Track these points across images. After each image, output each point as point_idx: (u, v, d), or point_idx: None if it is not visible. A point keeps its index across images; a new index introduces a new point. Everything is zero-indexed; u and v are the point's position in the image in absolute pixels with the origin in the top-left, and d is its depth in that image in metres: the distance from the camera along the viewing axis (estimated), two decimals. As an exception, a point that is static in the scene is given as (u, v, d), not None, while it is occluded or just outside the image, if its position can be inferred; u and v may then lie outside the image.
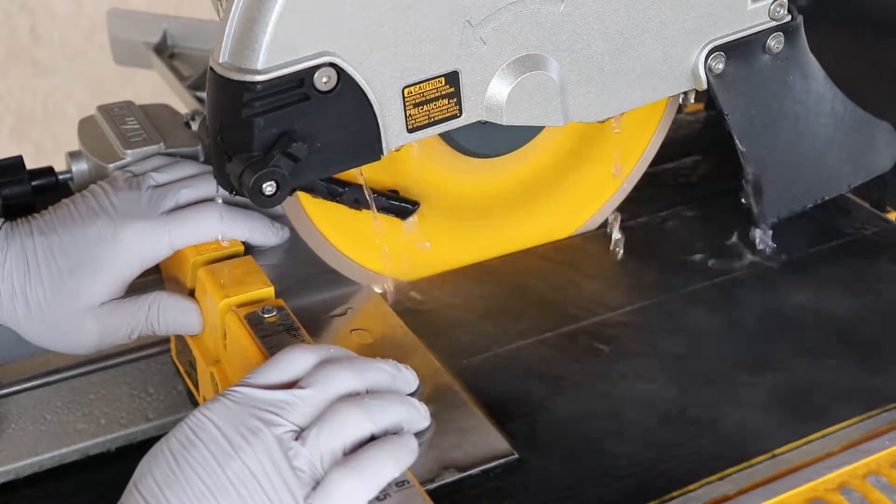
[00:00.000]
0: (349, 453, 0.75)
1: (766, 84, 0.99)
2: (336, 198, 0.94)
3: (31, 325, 0.94)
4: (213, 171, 0.87)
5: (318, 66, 0.82)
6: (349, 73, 0.83)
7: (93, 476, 1.07)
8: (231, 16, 0.82)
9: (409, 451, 0.77)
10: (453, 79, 0.87)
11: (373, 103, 0.85)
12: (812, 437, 0.85)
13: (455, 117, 0.89)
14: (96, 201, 0.96)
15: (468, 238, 1.05)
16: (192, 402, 1.06)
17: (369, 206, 0.95)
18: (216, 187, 0.88)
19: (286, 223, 0.99)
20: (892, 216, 1.13)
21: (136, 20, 1.51)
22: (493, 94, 0.89)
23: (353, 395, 0.78)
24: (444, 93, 0.87)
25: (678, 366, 0.93)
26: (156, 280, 1.00)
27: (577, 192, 1.08)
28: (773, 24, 0.97)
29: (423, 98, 0.87)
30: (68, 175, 1.07)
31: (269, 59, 0.81)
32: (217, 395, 0.77)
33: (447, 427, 0.85)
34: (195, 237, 0.95)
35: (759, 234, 1.05)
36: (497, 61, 0.88)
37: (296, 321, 0.88)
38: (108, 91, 2.33)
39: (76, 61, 2.53)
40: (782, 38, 0.98)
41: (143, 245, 0.94)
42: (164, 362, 1.11)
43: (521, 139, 1.01)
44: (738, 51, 0.96)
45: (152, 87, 1.66)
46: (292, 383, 0.78)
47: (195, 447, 0.73)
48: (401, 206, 0.98)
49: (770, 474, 0.82)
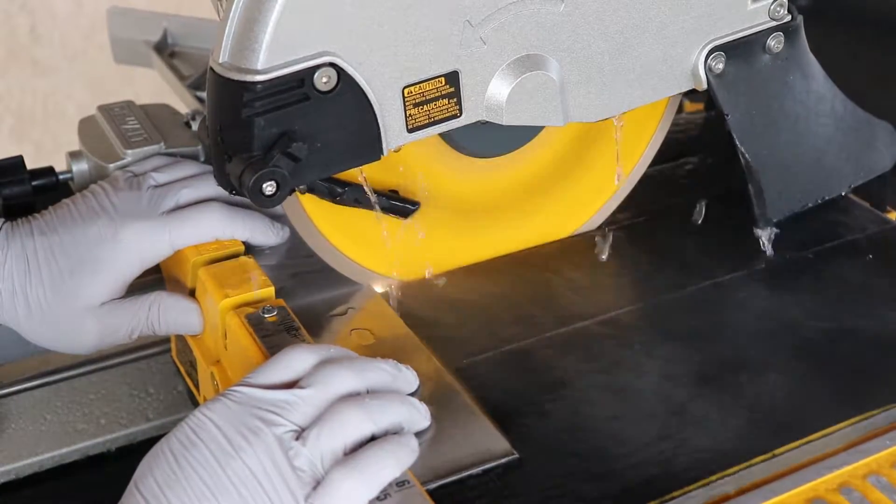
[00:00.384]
0: (350, 453, 0.75)
1: (766, 84, 0.99)
2: (336, 198, 0.94)
3: (32, 325, 0.94)
4: (213, 171, 0.87)
5: (318, 66, 0.82)
6: (349, 73, 0.83)
7: (93, 476, 1.07)
8: (231, 16, 0.82)
9: (409, 451, 0.77)
10: (453, 79, 0.87)
11: (373, 103, 0.85)
12: (812, 437, 0.85)
13: (455, 117, 0.89)
14: (97, 201, 0.96)
15: (468, 238, 1.05)
16: (193, 402, 1.06)
17: (370, 206, 0.95)
18: (216, 187, 0.88)
19: (286, 223, 0.99)
20: (892, 216, 1.13)
21: (136, 19, 1.50)
22: (493, 94, 0.89)
23: (354, 395, 0.78)
24: (444, 93, 0.87)
25: (678, 365, 0.93)
26: (156, 280, 1.00)
27: (577, 192, 1.08)
28: (773, 24, 0.97)
29: (423, 98, 0.87)
30: (69, 175, 1.07)
31: (269, 59, 0.81)
32: (217, 395, 0.77)
33: (447, 427, 0.85)
34: (195, 237, 0.95)
35: (759, 233, 1.05)
36: (497, 61, 0.88)
37: (296, 321, 0.88)
38: (108, 91, 2.33)
39: (76, 61, 2.53)
40: (782, 38, 0.98)
41: (144, 245, 0.93)
42: (164, 362, 1.11)
43: (521, 139, 1.01)
44: (738, 51, 0.96)
45: (152, 87, 1.66)
46: (293, 383, 0.78)
47: (196, 447, 0.73)
48: (401, 205, 0.98)
49: (770, 474, 0.82)
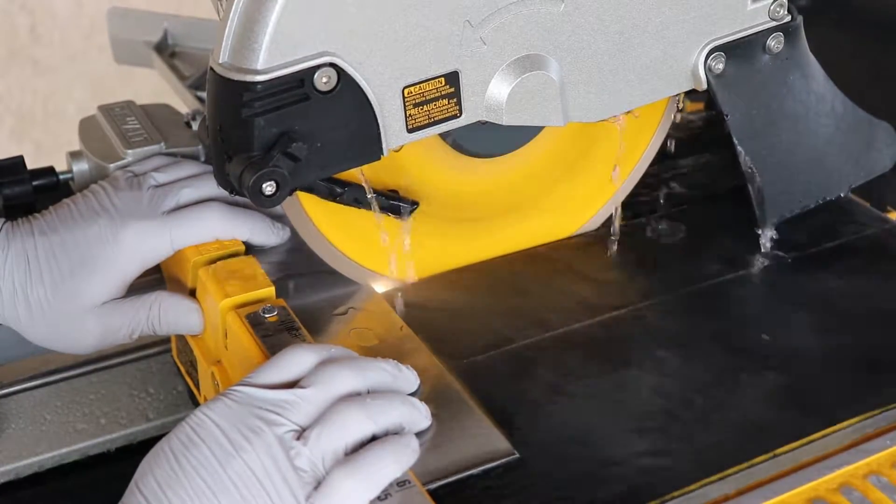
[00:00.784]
0: (350, 453, 0.75)
1: (766, 84, 0.99)
2: (336, 198, 0.94)
3: (32, 325, 0.94)
4: (213, 170, 0.87)
5: (318, 67, 0.82)
6: (349, 73, 0.83)
7: (93, 476, 1.07)
8: (231, 16, 0.82)
9: (410, 451, 0.77)
10: (453, 79, 0.87)
11: (373, 103, 0.85)
12: (812, 437, 0.85)
13: (455, 117, 0.89)
14: (97, 201, 0.96)
15: (469, 238, 1.05)
16: (193, 401, 1.06)
17: (369, 206, 0.95)
18: (217, 187, 0.88)
19: (286, 223, 0.99)
20: (892, 216, 1.13)
21: (136, 19, 1.50)
22: (493, 95, 0.89)
23: (355, 395, 0.78)
24: (444, 93, 0.87)
25: (678, 365, 0.93)
26: (157, 280, 1.00)
27: (577, 192, 1.08)
28: (773, 24, 0.97)
29: (423, 98, 0.87)
30: (69, 175, 1.07)
31: (269, 59, 0.81)
32: (218, 395, 0.77)
33: (448, 427, 0.85)
34: (196, 237, 0.95)
35: (759, 234, 1.05)
36: (497, 61, 0.88)
37: (297, 321, 0.88)
38: (108, 91, 2.33)
39: (76, 61, 2.53)
40: (782, 39, 0.98)
41: (144, 245, 0.94)
42: (164, 362, 1.11)
43: (521, 139, 1.01)
44: (738, 51, 0.96)
45: (152, 87, 1.66)
46: (293, 383, 0.78)
47: (196, 447, 0.73)
48: (401, 205, 0.98)
49: (770, 474, 0.82)
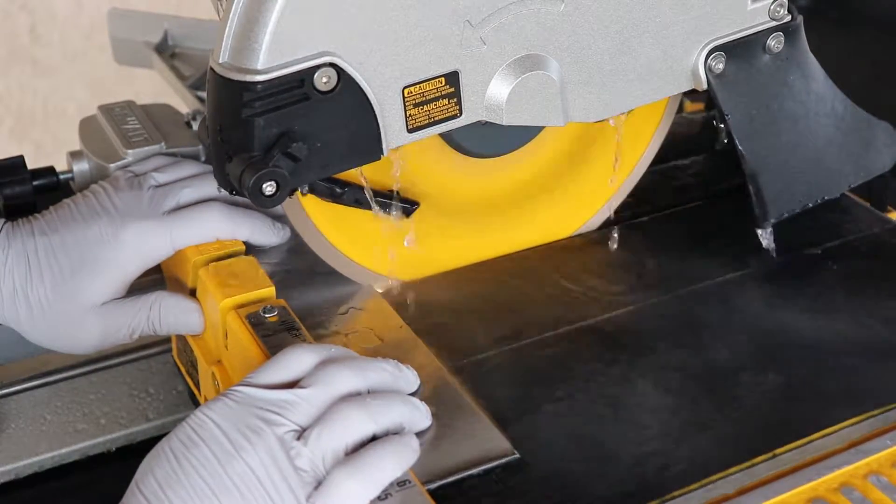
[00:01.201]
0: (351, 453, 0.75)
1: (767, 84, 0.99)
2: (336, 198, 0.94)
3: (33, 325, 0.94)
4: (213, 170, 0.87)
5: (318, 67, 0.82)
6: (349, 73, 0.83)
7: (93, 476, 1.07)
8: (231, 16, 0.82)
9: (410, 451, 0.77)
10: (453, 79, 0.87)
11: (373, 103, 0.85)
12: (812, 437, 0.85)
13: (455, 117, 0.89)
14: (97, 201, 0.96)
15: (469, 238, 1.05)
16: (193, 402, 1.06)
17: (369, 206, 0.95)
18: (217, 187, 0.88)
19: (287, 223, 0.99)
20: (892, 216, 1.13)
21: (136, 20, 1.50)
22: (494, 94, 0.89)
23: (355, 395, 0.78)
24: (444, 93, 0.87)
25: (678, 365, 0.93)
26: (157, 280, 1.00)
27: (576, 192, 1.08)
28: (773, 24, 0.97)
29: (424, 98, 0.87)
30: (69, 175, 1.07)
31: (269, 60, 0.81)
32: (218, 395, 0.77)
33: (448, 427, 0.85)
34: (196, 237, 0.95)
35: (759, 233, 1.05)
36: (497, 61, 0.88)
37: (297, 321, 0.88)
38: (108, 91, 2.33)
39: (76, 61, 2.53)
40: (782, 38, 0.98)
41: (145, 245, 0.94)
42: (164, 362, 1.11)
43: (521, 139, 1.01)
44: (738, 51, 0.96)
45: (153, 87, 1.67)
46: (294, 383, 0.78)
47: (197, 447, 0.73)
48: (401, 205, 0.98)
49: (770, 474, 0.82)
